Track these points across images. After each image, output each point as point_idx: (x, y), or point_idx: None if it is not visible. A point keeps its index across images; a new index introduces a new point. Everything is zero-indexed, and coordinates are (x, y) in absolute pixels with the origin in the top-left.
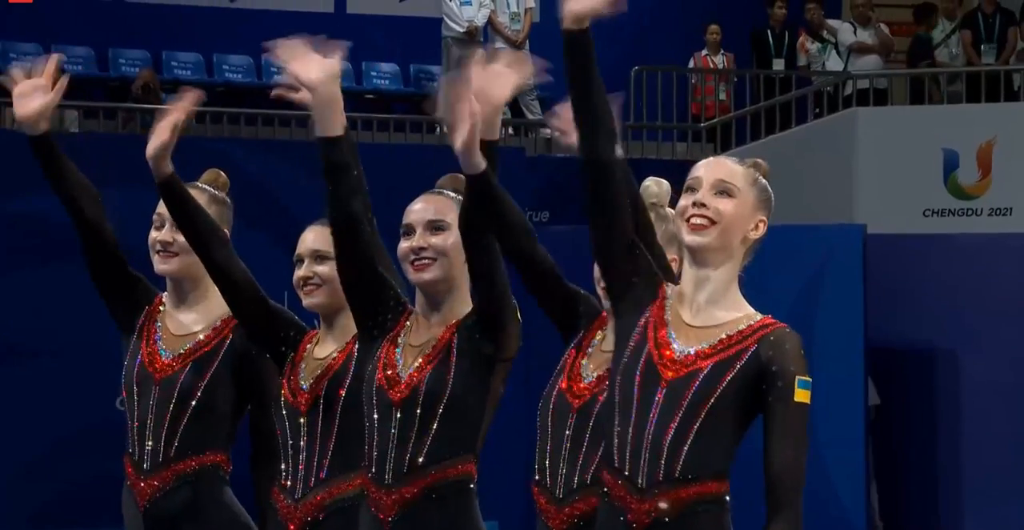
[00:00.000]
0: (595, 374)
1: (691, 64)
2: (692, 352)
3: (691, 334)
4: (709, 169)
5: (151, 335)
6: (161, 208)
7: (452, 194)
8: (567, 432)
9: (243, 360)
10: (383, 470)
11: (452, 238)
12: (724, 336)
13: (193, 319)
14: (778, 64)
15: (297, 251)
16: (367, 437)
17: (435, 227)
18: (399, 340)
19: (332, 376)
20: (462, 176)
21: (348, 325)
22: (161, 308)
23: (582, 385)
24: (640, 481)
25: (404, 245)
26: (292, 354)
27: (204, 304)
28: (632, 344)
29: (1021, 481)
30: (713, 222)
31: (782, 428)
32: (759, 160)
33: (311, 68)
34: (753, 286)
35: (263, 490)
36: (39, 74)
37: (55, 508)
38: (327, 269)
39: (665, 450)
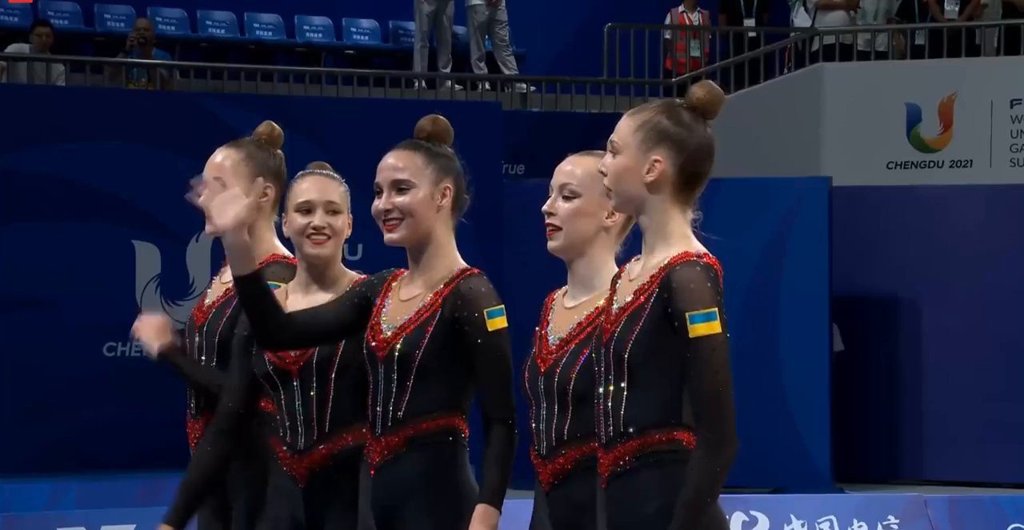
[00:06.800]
0: (558, 337)
1: (668, 20)
2: (618, 308)
3: (626, 288)
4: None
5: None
6: (205, 173)
7: (425, 144)
8: (540, 395)
9: None
10: (375, 422)
11: (418, 194)
12: (639, 286)
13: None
14: (748, 23)
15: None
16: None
17: (399, 187)
18: (387, 301)
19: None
20: (442, 118)
21: (336, 278)
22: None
23: (546, 349)
24: (602, 438)
25: (375, 205)
26: None
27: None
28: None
29: (979, 425)
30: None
31: (690, 365)
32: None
33: (226, 213)
34: (723, 235)
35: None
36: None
37: (55, 451)
38: (332, 219)
39: (610, 407)
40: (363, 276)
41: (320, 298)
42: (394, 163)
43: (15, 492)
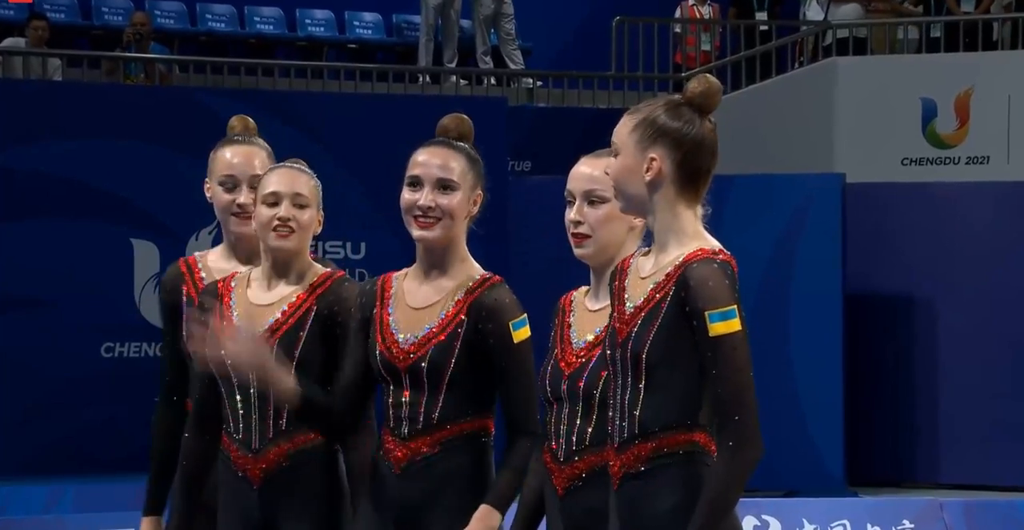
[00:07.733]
0: (584, 339)
1: (677, 13)
2: (633, 307)
3: (638, 287)
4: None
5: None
6: (232, 169)
7: (463, 146)
8: (563, 398)
9: None
10: (398, 425)
11: (459, 197)
12: (654, 284)
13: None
14: (760, 16)
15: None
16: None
17: (443, 185)
18: (390, 309)
19: (283, 335)
20: (466, 117)
21: (302, 272)
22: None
23: (571, 352)
24: (615, 439)
25: (410, 198)
26: (217, 301)
27: None
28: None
29: (996, 426)
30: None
31: (710, 365)
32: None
33: (243, 363)
34: (734, 233)
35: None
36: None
37: (52, 452)
38: (298, 213)
39: (626, 408)
40: (328, 269)
41: (284, 290)
42: (439, 161)
43: (11, 494)
